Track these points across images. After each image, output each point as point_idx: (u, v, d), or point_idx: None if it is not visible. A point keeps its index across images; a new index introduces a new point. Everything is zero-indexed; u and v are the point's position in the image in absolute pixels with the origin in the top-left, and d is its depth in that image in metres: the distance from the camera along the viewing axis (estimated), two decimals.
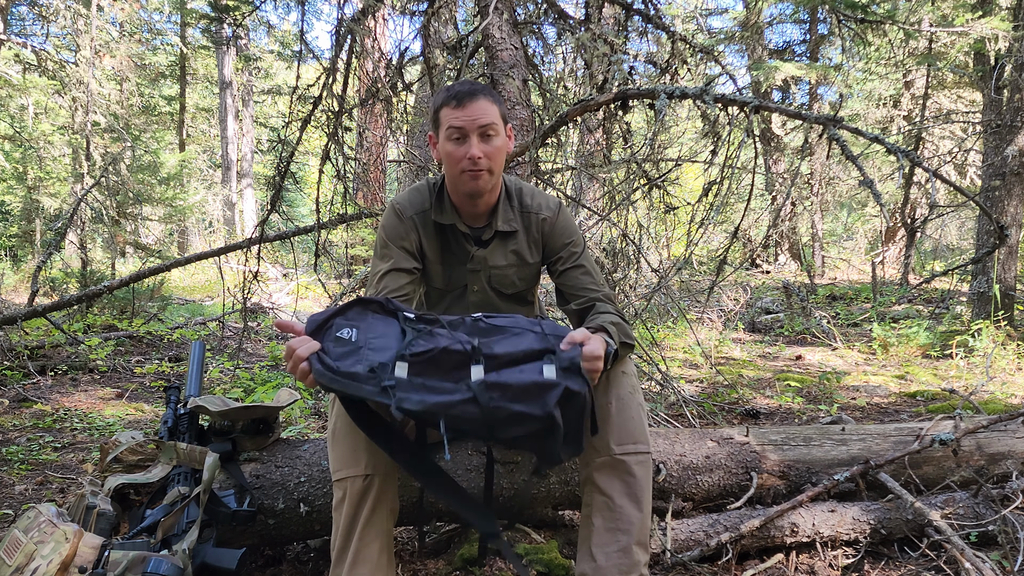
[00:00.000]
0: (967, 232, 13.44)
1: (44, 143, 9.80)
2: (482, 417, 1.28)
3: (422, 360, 1.33)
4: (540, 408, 1.28)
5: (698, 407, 3.42)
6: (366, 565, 1.48)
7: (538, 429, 1.30)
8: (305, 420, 3.29)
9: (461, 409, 1.28)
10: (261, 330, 6.19)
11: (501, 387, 1.29)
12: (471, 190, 1.69)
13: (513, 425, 1.29)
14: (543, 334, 1.46)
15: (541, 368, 1.33)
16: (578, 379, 1.33)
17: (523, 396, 1.29)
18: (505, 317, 1.54)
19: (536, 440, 1.33)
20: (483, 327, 1.48)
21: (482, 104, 1.64)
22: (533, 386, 1.29)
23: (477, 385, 1.29)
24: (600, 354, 1.40)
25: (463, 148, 1.65)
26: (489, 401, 1.28)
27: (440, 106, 1.68)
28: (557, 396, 1.29)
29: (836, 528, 1.95)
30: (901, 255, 9.95)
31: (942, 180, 2.88)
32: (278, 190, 4.10)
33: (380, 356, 1.34)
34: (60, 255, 8.55)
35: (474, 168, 1.65)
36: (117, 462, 1.79)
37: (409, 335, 1.39)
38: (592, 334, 1.45)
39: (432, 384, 1.31)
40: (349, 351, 1.35)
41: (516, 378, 1.30)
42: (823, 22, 12.14)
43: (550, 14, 3.88)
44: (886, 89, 10.77)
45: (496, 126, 1.66)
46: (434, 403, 1.27)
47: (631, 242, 3.83)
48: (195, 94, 18.84)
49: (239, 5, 4.50)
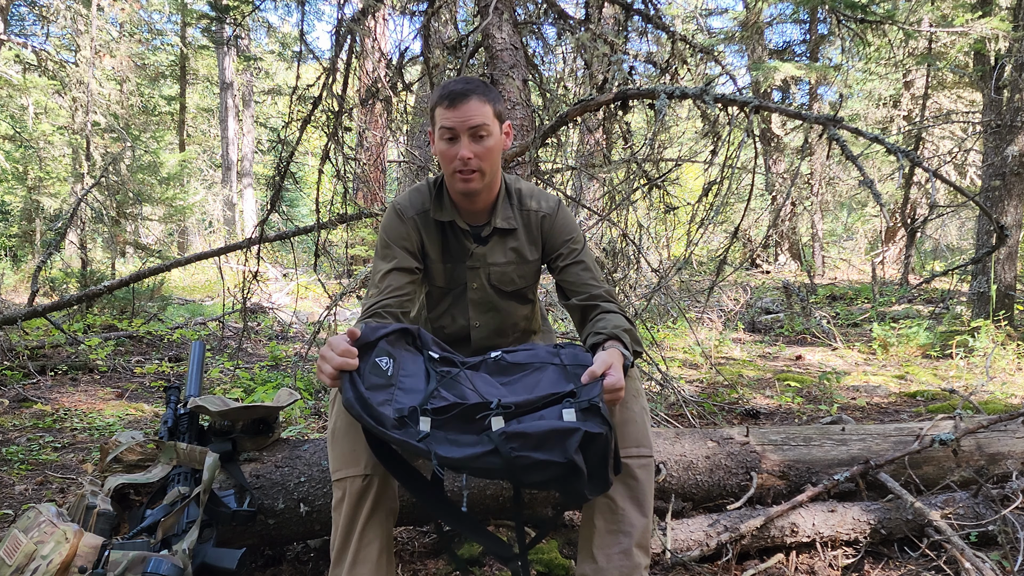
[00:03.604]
0: (967, 232, 13.44)
1: (44, 143, 9.80)
2: (505, 467, 1.29)
3: (443, 416, 1.35)
4: (561, 455, 1.29)
5: (698, 407, 3.42)
6: (366, 565, 1.48)
7: (562, 473, 1.31)
8: (305, 420, 3.29)
9: (484, 461, 1.30)
10: (261, 330, 6.19)
11: (521, 436, 1.30)
12: (462, 190, 1.71)
13: (536, 472, 1.30)
14: (563, 366, 1.48)
15: (561, 412, 1.34)
16: (597, 420, 1.33)
17: (543, 444, 1.29)
18: (525, 351, 1.57)
19: (561, 483, 1.34)
20: (504, 365, 1.52)
21: (473, 104, 1.64)
22: (553, 433, 1.30)
23: (498, 437, 1.30)
24: (622, 384, 1.41)
25: (454, 148, 1.66)
26: (510, 452, 1.29)
27: (435, 105, 1.69)
28: (577, 441, 1.30)
29: (836, 528, 1.95)
30: (901, 255, 9.95)
31: (942, 180, 2.88)
32: (278, 190, 4.10)
33: (408, 399, 1.36)
34: (60, 255, 8.55)
35: (464, 168, 1.66)
36: (117, 462, 1.79)
37: (432, 381, 1.42)
38: (609, 355, 1.45)
39: (454, 437, 1.33)
40: (382, 384, 1.37)
41: (535, 426, 1.31)
42: (823, 22, 12.14)
43: (550, 14, 3.88)
44: (886, 89, 10.78)
45: (488, 126, 1.66)
46: (458, 457, 1.29)
47: (631, 242, 3.83)
48: (195, 94, 18.84)
49: (239, 5, 4.50)
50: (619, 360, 1.45)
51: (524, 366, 1.51)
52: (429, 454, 1.29)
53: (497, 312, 1.87)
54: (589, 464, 1.33)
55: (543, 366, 1.50)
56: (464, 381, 1.44)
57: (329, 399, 1.72)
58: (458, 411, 1.35)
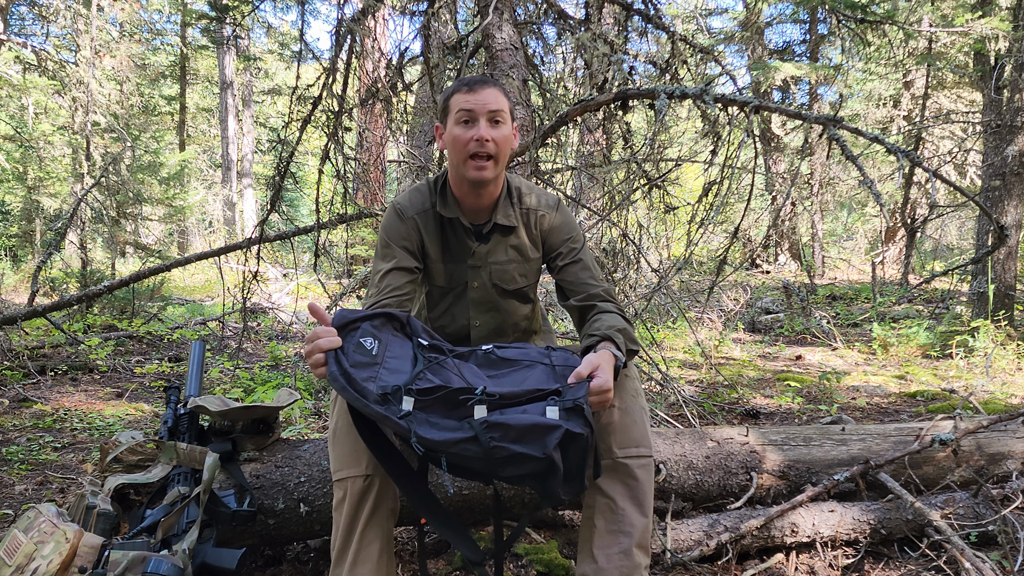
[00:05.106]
0: (967, 232, 13.44)
1: (44, 143, 9.80)
2: (483, 456, 1.30)
3: (427, 397, 1.35)
4: (540, 450, 1.29)
5: (698, 407, 3.42)
6: (366, 565, 1.48)
7: (538, 469, 1.31)
8: (305, 420, 3.29)
9: (462, 447, 1.30)
10: (261, 330, 6.19)
11: (502, 427, 1.30)
12: (475, 178, 1.69)
13: (513, 465, 1.31)
14: (552, 366, 1.48)
15: (544, 409, 1.35)
16: (580, 421, 1.33)
17: (523, 437, 1.30)
18: (516, 348, 1.57)
19: (537, 479, 1.34)
20: (493, 359, 1.52)
21: (493, 91, 1.67)
22: (534, 427, 1.30)
23: (478, 425, 1.31)
24: (608, 386, 1.41)
25: (471, 131, 1.65)
26: (489, 441, 1.29)
27: (451, 94, 1.70)
28: (558, 438, 1.30)
29: (836, 528, 1.95)
30: (901, 255, 9.95)
31: (942, 180, 2.88)
32: (278, 190, 4.10)
33: (393, 379, 1.36)
34: (60, 255, 8.55)
35: (480, 151, 1.65)
36: (117, 462, 1.79)
37: (419, 364, 1.42)
38: (597, 357, 1.45)
39: (435, 420, 1.33)
40: (367, 362, 1.37)
41: (517, 419, 1.32)
42: (823, 22, 12.14)
43: (550, 14, 3.88)
44: (886, 89, 10.78)
45: (504, 114, 1.68)
46: (436, 440, 1.29)
47: (631, 242, 3.83)
48: (195, 94, 18.84)
49: (239, 5, 4.50)
50: (608, 362, 1.45)
51: (513, 362, 1.52)
52: (409, 432, 1.29)
53: (498, 311, 1.87)
54: (567, 464, 1.33)
55: (532, 364, 1.50)
56: (451, 368, 1.44)
57: (330, 399, 1.73)
58: (442, 394, 1.35)
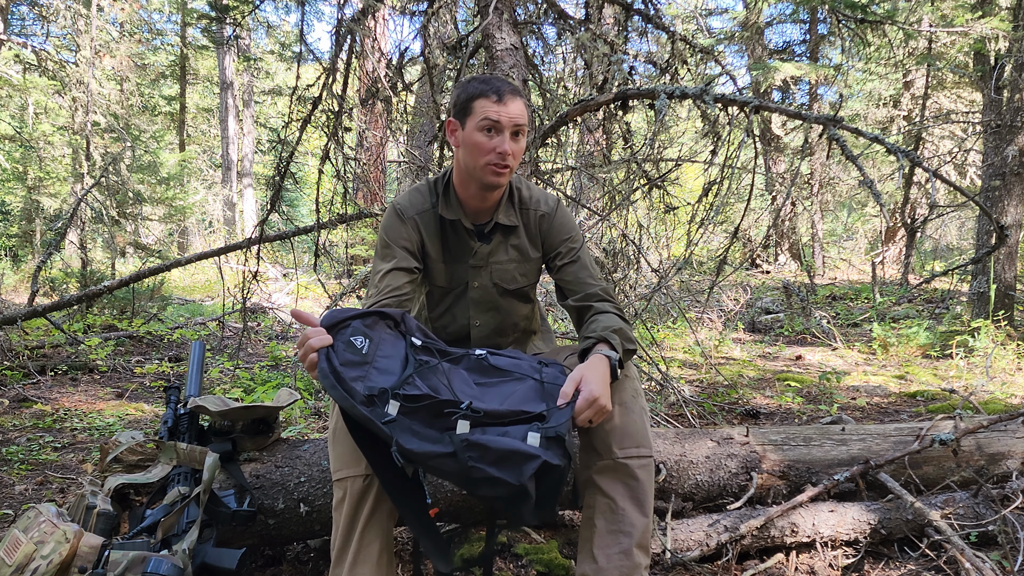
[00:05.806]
0: (967, 232, 13.44)
1: (44, 143, 9.80)
2: (460, 473, 1.30)
3: (413, 404, 1.35)
4: (514, 478, 1.30)
5: (698, 407, 3.42)
6: (366, 565, 1.48)
7: (511, 494, 1.32)
8: (305, 420, 3.29)
9: (440, 462, 1.30)
10: (261, 330, 6.19)
11: (481, 448, 1.30)
12: (492, 183, 1.71)
13: (487, 486, 1.31)
14: (541, 383, 1.48)
15: (527, 434, 1.35)
16: (559, 452, 1.34)
17: (501, 462, 1.30)
18: (509, 357, 1.57)
19: (508, 502, 1.35)
20: (485, 366, 1.52)
21: (519, 104, 1.68)
22: (513, 454, 1.30)
23: (459, 442, 1.31)
24: (597, 395, 1.42)
25: (494, 142, 1.66)
26: (467, 460, 1.29)
27: (476, 95, 1.69)
28: (534, 468, 1.30)
29: (836, 528, 1.95)
30: (901, 255, 9.95)
31: (942, 180, 2.88)
32: (278, 190, 4.10)
33: (382, 380, 1.36)
34: (60, 255, 8.55)
35: (501, 163, 1.67)
36: (117, 462, 1.79)
37: (410, 366, 1.42)
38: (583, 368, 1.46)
39: (418, 429, 1.33)
40: (356, 361, 1.37)
41: (497, 443, 1.31)
42: (823, 22, 12.14)
43: (550, 14, 3.88)
44: (886, 89, 10.78)
45: (526, 128, 1.71)
46: (416, 451, 1.30)
47: (631, 242, 3.83)
48: (195, 94, 18.84)
49: (239, 5, 4.50)
50: (596, 370, 1.46)
51: (504, 372, 1.52)
52: (391, 439, 1.29)
53: (498, 311, 1.87)
54: (539, 491, 1.33)
55: (523, 378, 1.50)
56: (440, 375, 1.44)
57: (330, 399, 1.72)
58: (428, 403, 1.35)
